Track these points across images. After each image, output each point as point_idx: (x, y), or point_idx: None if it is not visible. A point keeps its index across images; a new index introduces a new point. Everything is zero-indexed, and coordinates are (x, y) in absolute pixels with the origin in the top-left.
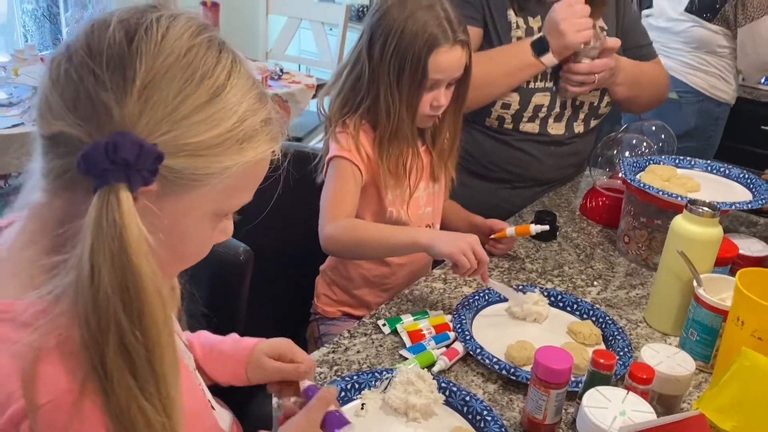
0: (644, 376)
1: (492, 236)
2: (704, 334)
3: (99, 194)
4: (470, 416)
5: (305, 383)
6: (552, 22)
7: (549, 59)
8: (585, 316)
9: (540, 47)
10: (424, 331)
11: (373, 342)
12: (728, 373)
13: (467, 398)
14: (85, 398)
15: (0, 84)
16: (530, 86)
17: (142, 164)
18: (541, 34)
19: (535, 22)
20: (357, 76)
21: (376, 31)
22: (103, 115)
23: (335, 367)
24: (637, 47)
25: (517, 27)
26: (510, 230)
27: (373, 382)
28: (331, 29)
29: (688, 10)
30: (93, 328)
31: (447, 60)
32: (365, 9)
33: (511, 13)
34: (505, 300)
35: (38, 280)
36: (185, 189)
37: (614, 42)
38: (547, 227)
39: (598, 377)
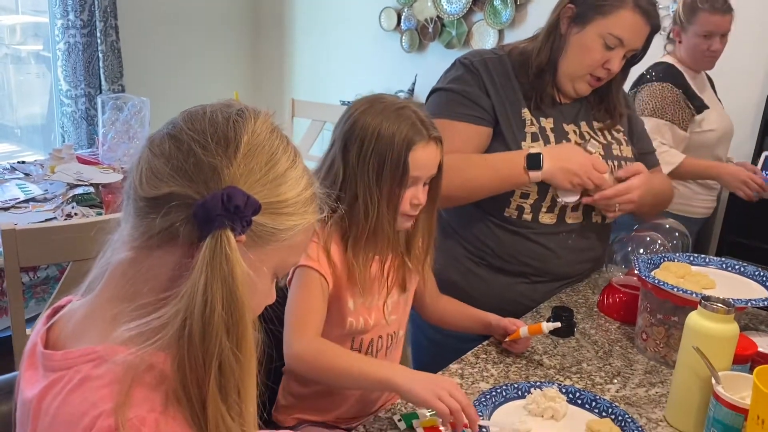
0: None
1: (507, 339)
2: None
3: (213, 236)
4: None
5: None
6: (565, 158)
7: (536, 177)
8: (604, 413)
9: (533, 162)
10: (441, 428)
11: None
12: None
13: None
14: (169, 416)
15: (36, 180)
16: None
17: (247, 212)
18: (539, 151)
19: (547, 123)
20: (331, 183)
21: (349, 138)
22: (211, 176)
23: None
24: (646, 153)
25: (532, 124)
26: (523, 330)
27: None
28: None
29: None
30: (197, 351)
31: (425, 156)
32: None
33: (525, 112)
34: (522, 396)
35: (122, 326)
36: (263, 242)
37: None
38: (559, 324)
39: None
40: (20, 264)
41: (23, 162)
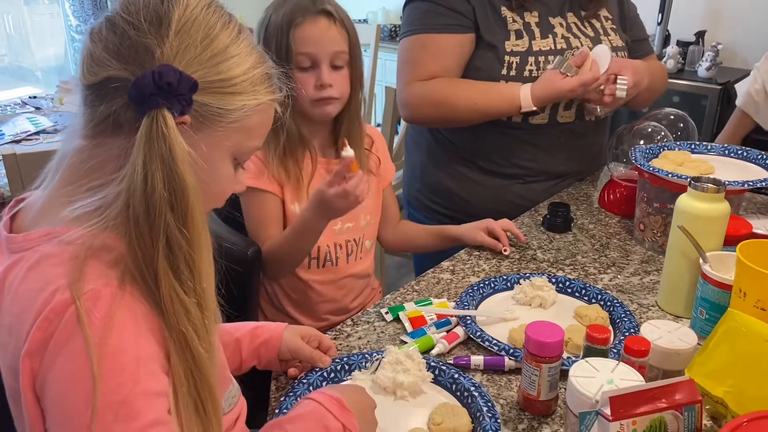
0: (640, 349)
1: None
2: (712, 311)
3: (148, 115)
4: (458, 393)
5: None
6: (556, 96)
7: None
8: (593, 300)
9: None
10: (426, 317)
11: (375, 329)
12: (716, 336)
13: (456, 376)
14: (125, 291)
15: (47, 113)
16: (535, 76)
17: (182, 89)
18: (534, 108)
19: (532, 17)
20: None
21: (257, 39)
22: (145, 56)
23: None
24: (640, 40)
25: (514, 21)
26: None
27: (364, 364)
28: (364, 50)
29: None
30: (143, 229)
31: (310, 31)
32: (397, 28)
33: (505, 10)
34: (511, 288)
35: (78, 208)
36: (211, 123)
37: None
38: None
39: (593, 352)
40: (25, 189)
41: (34, 97)
